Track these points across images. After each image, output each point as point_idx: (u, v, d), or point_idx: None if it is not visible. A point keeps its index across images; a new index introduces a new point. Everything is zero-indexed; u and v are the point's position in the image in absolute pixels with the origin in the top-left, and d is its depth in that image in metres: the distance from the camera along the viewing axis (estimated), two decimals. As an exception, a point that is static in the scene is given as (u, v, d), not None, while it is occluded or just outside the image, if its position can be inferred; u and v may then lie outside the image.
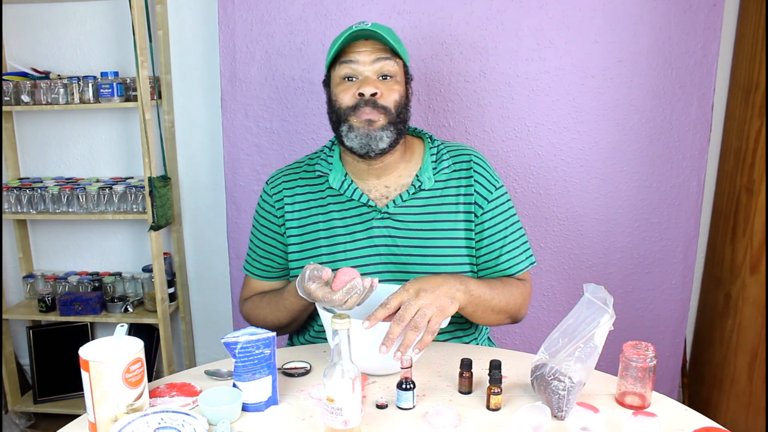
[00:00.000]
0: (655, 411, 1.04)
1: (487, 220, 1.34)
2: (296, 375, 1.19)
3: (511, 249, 1.36)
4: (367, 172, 1.34)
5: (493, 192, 1.35)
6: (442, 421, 1.02)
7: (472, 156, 1.37)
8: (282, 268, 1.43)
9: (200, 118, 2.32)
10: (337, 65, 1.29)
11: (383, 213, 1.33)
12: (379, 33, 1.25)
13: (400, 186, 1.36)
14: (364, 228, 1.34)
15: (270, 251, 1.42)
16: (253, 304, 1.44)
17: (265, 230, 1.43)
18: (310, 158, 1.44)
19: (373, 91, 1.26)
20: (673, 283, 2.04)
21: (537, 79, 1.91)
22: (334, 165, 1.38)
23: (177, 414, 1.01)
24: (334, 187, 1.35)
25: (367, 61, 1.27)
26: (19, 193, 2.28)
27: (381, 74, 1.28)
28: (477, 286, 1.24)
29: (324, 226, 1.36)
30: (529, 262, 1.39)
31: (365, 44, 1.28)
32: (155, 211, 2.20)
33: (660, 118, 1.93)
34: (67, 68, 2.34)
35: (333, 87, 1.31)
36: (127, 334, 1.05)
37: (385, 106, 1.27)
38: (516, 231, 1.37)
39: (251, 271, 1.47)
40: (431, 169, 1.35)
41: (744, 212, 2.01)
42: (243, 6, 1.94)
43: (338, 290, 1.12)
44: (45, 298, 2.34)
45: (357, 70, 1.28)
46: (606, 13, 1.85)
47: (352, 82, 1.29)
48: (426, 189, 1.34)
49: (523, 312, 1.38)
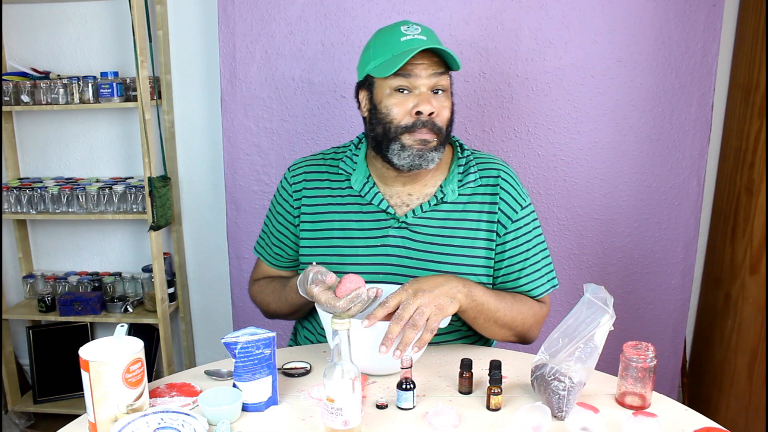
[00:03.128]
0: (655, 411, 1.04)
1: (509, 241, 1.30)
2: (296, 375, 1.19)
3: (532, 271, 1.31)
4: (394, 178, 1.30)
5: (519, 212, 1.30)
6: (442, 421, 1.02)
7: (500, 171, 1.32)
8: (292, 258, 1.42)
9: (200, 118, 2.32)
10: (392, 75, 1.21)
11: (401, 222, 1.30)
12: (440, 48, 1.19)
13: (423, 195, 1.32)
14: (380, 235, 1.31)
15: (282, 240, 1.41)
16: (259, 288, 1.43)
17: (280, 218, 1.41)
18: (336, 152, 1.40)
19: (431, 110, 1.21)
20: (673, 283, 2.04)
21: (537, 79, 1.91)
22: (358, 165, 1.34)
23: (177, 414, 1.01)
24: (356, 189, 1.32)
25: (423, 75, 1.21)
26: (19, 193, 2.28)
27: (434, 89, 1.23)
28: (482, 293, 1.22)
29: (339, 225, 1.33)
30: (550, 285, 1.34)
31: (422, 55, 1.21)
32: (155, 211, 2.20)
33: (660, 118, 1.93)
34: (67, 68, 2.34)
35: (382, 96, 1.24)
36: (127, 334, 1.05)
37: (441, 128, 1.23)
38: (539, 253, 1.32)
39: (262, 254, 1.46)
40: (456, 181, 1.30)
41: (744, 212, 2.01)
42: (243, 6, 1.94)
43: (342, 297, 1.11)
44: (45, 298, 2.34)
45: (413, 83, 1.21)
46: (606, 13, 1.85)
47: (404, 94, 1.22)
48: (449, 201, 1.30)
49: (533, 333, 1.33)
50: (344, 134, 2.00)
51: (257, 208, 2.08)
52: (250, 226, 2.10)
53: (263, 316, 1.47)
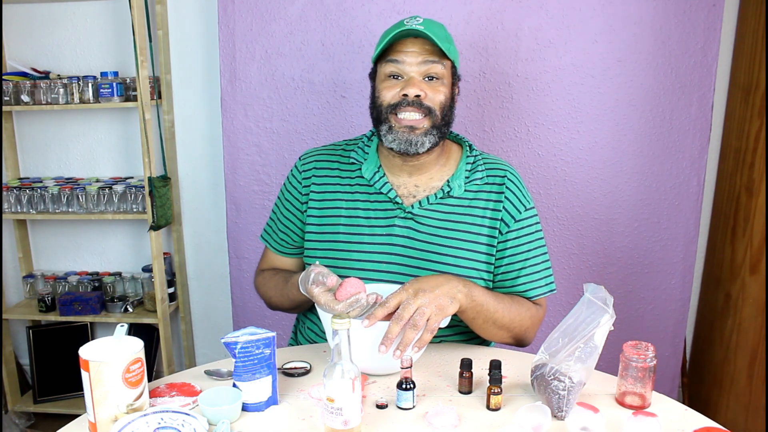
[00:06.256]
0: (655, 411, 1.04)
1: (510, 239, 1.31)
2: (296, 375, 1.19)
3: (530, 272, 1.33)
4: (400, 168, 1.33)
5: (522, 212, 1.32)
6: (442, 421, 1.02)
7: (507, 172, 1.35)
8: (297, 245, 1.43)
9: (200, 118, 2.32)
10: (384, 62, 1.27)
11: (407, 212, 1.32)
12: (429, 33, 1.22)
13: (429, 188, 1.34)
14: (386, 224, 1.33)
15: (289, 227, 1.43)
16: (264, 280, 1.45)
17: (289, 205, 1.43)
18: (348, 144, 1.43)
19: (418, 92, 1.23)
20: (673, 283, 2.04)
21: (537, 79, 1.91)
22: (369, 155, 1.37)
23: (177, 414, 1.01)
24: (365, 177, 1.34)
25: (413, 62, 1.24)
26: (19, 193, 2.28)
27: (427, 76, 1.25)
28: (482, 293, 1.22)
29: (346, 213, 1.35)
30: (548, 289, 1.35)
31: (414, 43, 1.24)
32: (155, 211, 2.20)
33: (660, 118, 1.93)
34: (67, 68, 2.34)
35: (377, 83, 1.29)
36: (127, 334, 1.05)
37: (430, 107, 1.25)
38: (539, 255, 1.34)
39: (269, 242, 1.48)
40: (464, 178, 1.33)
41: (744, 212, 2.01)
42: (243, 6, 1.94)
43: (342, 301, 1.12)
44: (45, 298, 2.34)
45: (403, 69, 1.25)
46: (606, 13, 1.85)
47: (397, 80, 1.26)
48: (455, 196, 1.32)
49: (529, 336, 1.35)
50: (344, 134, 2.00)
51: (257, 208, 2.08)
52: (250, 226, 2.10)
53: (263, 317, 1.47)
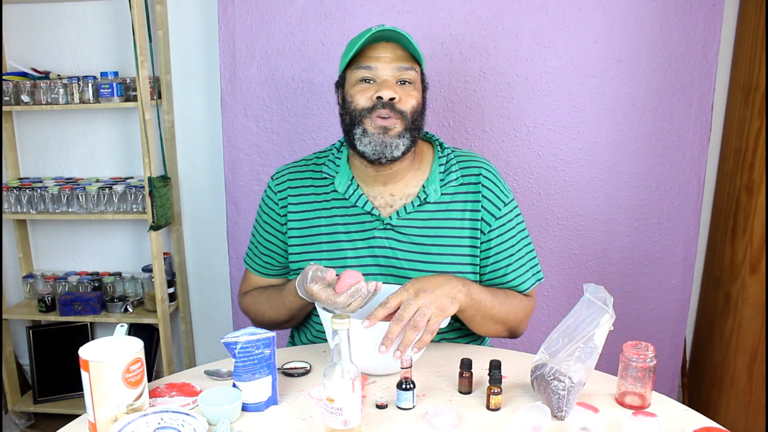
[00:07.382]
0: (655, 411, 1.04)
1: (494, 238, 1.31)
2: (296, 375, 1.19)
3: (518, 267, 1.33)
4: (374, 178, 1.31)
5: (502, 208, 1.31)
6: (442, 421, 1.02)
7: (481, 169, 1.33)
8: (282, 266, 1.42)
9: (200, 118, 2.32)
10: (355, 68, 1.25)
11: (386, 224, 1.30)
12: (402, 35, 1.22)
13: (405, 195, 1.32)
14: (366, 237, 1.31)
15: (271, 248, 1.41)
16: (252, 299, 1.43)
17: (268, 227, 1.41)
18: (318, 157, 1.41)
19: (392, 95, 1.22)
20: (673, 283, 2.04)
21: (537, 79, 1.91)
22: (341, 168, 1.35)
23: (177, 414, 1.01)
24: (339, 191, 1.33)
25: (386, 67, 1.24)
26: (19, 193, 2.28)
27: (400, 80, 1.25)
28: (479, 291, 1.23)
29: (326, 230, 1.34)
30: (536, 279, 1.36)
31: (386, 48, 1.24)
32: (155, 211, 2.20)
33: (660, 118, 1.93)
34: (67, 68, 2.34)
35: (348, 88, 1.27)
36: (127, 334, 1.05)
37: (402, 111, 1.23)
38: (524, 248, 1.34)
39: (251, 265, 1.46)
40: (438, 181, 1.31)
41: (744, 212, 2.01)
42: (243, 6, 1.94)
43: (342, 293, 1.11)
44: (45, 298, 2.34)
45: (376, 74, 1.24)
46: (606, 13, 1.85)
47: (369, 84, 1.25)
48: (432, 201, 1.30)
49: (522, 327, 1.35)
50: (344, 134, 2.00)
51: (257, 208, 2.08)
52: (250, 226, 2.08)
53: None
